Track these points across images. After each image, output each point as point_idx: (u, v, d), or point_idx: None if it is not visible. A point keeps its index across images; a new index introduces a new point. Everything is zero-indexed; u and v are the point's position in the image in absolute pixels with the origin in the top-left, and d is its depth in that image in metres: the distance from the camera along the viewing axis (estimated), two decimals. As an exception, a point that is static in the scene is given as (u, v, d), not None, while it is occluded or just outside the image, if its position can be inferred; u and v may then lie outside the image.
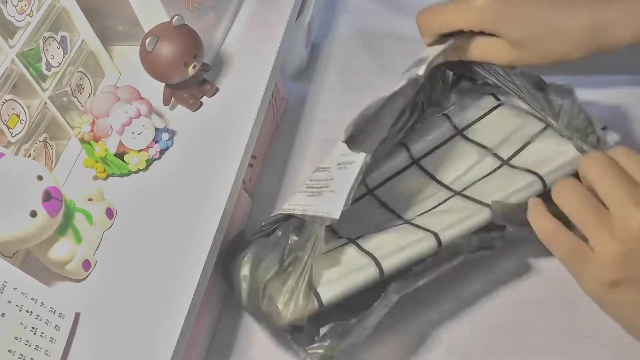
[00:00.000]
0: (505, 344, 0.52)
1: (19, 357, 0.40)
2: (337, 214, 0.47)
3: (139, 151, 0.53)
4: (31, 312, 0.42)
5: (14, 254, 0.50)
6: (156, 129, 0.53)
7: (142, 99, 0.54)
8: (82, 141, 0.53)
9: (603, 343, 0.50)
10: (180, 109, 0.59)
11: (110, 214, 0.51)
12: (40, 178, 0.44)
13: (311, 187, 0.52)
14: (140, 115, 0.52)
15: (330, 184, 0.50)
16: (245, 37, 0.64)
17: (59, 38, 0.55)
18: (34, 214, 0.43)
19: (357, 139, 0.52)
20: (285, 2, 0.65)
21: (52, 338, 0.43)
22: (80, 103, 0.58)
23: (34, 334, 0.41)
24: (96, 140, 0.53)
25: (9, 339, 0.40)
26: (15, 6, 0.50)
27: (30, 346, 0.41)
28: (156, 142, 0.54)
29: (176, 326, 0.44)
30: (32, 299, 0.42)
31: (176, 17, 0.53)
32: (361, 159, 0.50)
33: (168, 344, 0.43)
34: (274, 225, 0.52)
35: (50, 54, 0.54)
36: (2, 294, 0.40)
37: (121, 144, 0.52)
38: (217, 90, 0.59)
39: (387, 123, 0.53)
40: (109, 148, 0.52)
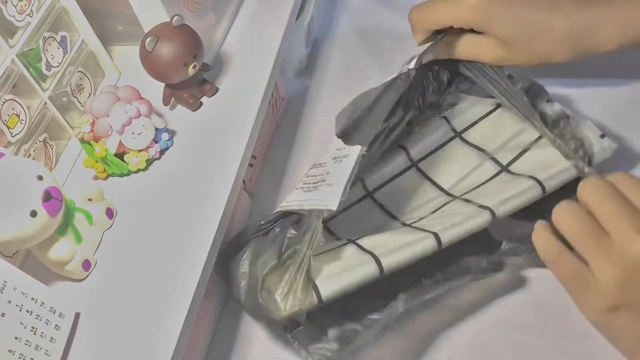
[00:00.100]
0: (505, 345, 0.52)
1: (19, 357, 0.40)
2: (334, 205, 0.47)
3: (139, 151, 0.53)
4: (31, 312, 0.42)
5: (14, 254, 0.50)
6: (156, 129, 0.53)
7: (142, 99, 0.54)
8: (82, 141, 0.53)
9: (603, 343, 0.50)
10: (180, 109, 0.59)
11: (110, 214, 0.51)
12: (40, 178, 0.44)
13: (307, 182, 0.52)
14: (140, 115, 0.52)
15: (326, 178, 0.50)
16: (245, 37, 0.64)
17: (59, 38, 0.55)
18: (34, 214, 0.43)
19: (352, 135, 0.52)
20: (285, 2, 0.65)
21: (52, 338, 0.43)
22: (80, 103, 0.58)
23: (34, 333, 0.41)
24: (96, 140, 0.53)
25: (9, 338, 0.40)
26: (15, 6, 0.50)
27: (30, 346, 0.41)
28: (156, 142, 0.54)
29: (176, 326, 0.44)
30: (32, 298, 0.42)
31: (176, 17, 0.53)
32: (357, 150, 0.50)
33: (168, 344, 0.43)
34: (272, 223, 0.52)
35: (50, 54, 0.54)
36: (2, 294, 0.40)
37: (121, 144, 0.52)
38: (217, 90, 0.59)
39: (381, 116, 0.53)
40: (109, 148, 0.52)
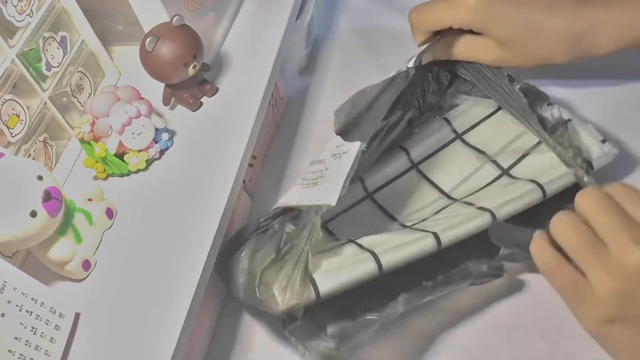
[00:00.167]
0: (505, 345, 0.52)
1: (19, 357, 0.40)
2: (333, 201, 0.47)
3: (139, 151, 0.53)
4: (31, 312, 0.42)
5: (14, 254, 0.50)
6: (156, 129, 0.53)
7: (142, 99, 0.54)
8: (82, 141, 0.53)
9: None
10: (180, 109, 0.59)
11: (110, 214, 0.51)
12: (40, 178, 0.44)
13: (306, 179, 0.53)
14: (140, 115, 0.52)
15: (325, 174, 0.51)
16: (245, 37, 0.64)
17: (59, 38, 0.55)
18: (34, 214, 0.43)
19: (351, 132, 0.52)
20: (285, 2, 0.65)
21: (52, 338, 0.43)
22: (80, 103, 0.58)
23: (34, 334, 0.41)
24: (96, 140, 0.53)
25: (9, 339, 0.40)
26: (15, 6, 0.50)
27: (30, 346, 0.41)
28: (156, 142, 0.54)
29: (176, 326, 0.44)
30: (32, 299, 0.42)
31: (176, 17, 0.53)
32: (356, 147, 0.50)
33: (168, 344, 0.43)
34: (271, 220, 0.52)
35: (50, 54, 0.54)
36: (2, 294, 0.40)
37: (121, 144, 0.52)
38: (217, 90, 0.59)
39: (380, 114, 0.53)
40: (109, 148, 0.52)
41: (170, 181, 0.53)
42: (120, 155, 0.53)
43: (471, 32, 0.59)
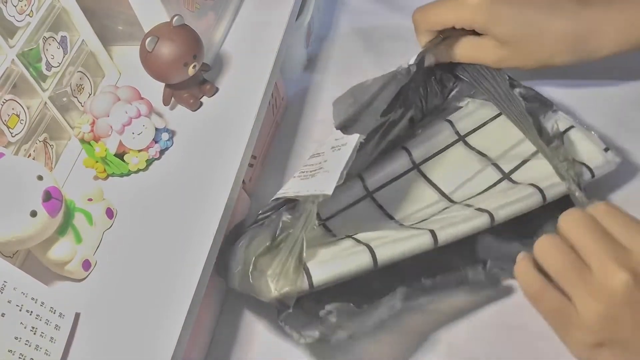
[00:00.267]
0: (505, 345, 0.52)
1: (19, 357, 0.40)
2: (329, 190, 0.47)
3: (139, 151, 0.53)
4: (31, 312, 0.42)
5: (14, 254, 0.50)
6: (156, 129, 0.53)
7: (142, 99, 0.54)
8: (82, 141, 0.53)
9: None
10: (180, 109, 0.59)
11: (110, 214, 0.51)
12: (40, 178, 0.44)
13: (305, 171, 0.53)
14: (140, 115, 0.52)
15: (324, 165, 0.51)
16: (245, 37, 0.64)
17: (59, 38, 0.55)
18: (34, 214, 0.43)
19: (351, 128, 0.52)
20: (285, 2, 0.65)
21: (52, 338, 0.43)
22: (80, 103, 0.58)
23: (34, 333, 0.41)
24: (96, 140, 0.53)
25: (9, 338, 0.40)
26: (15, 6, 0.50)
27: (30, 346, 0.41)
28: (156, 142, 0.54)
29: (176, 326, 0.44)
30: (32, 298, 0.42)
31: (176, 17, 0.53)
32: (355, 139, 0.50)
33: (168, 344, 0.43)
34: (270, 212, 0.52)
35: (50, 54, 0.54)
36: (2, 294, 0.40)
37: (121, 144, 0.52)
38: (217, 90, 0.59)
39: (379, 108, 0.53)
40: (109, 148, 0.52)
41: (170, 181, 0.53)
42: (120, 155, 0.53)
43: (474, 33, 0.59)
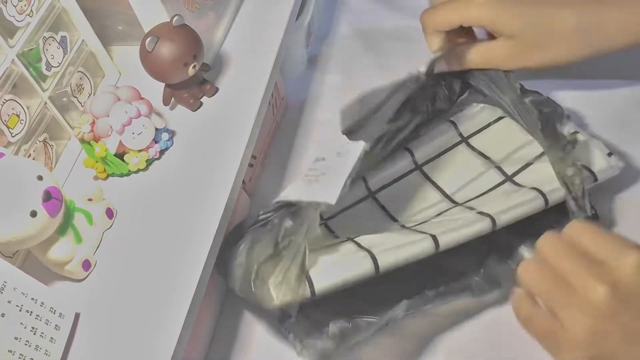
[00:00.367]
0: (505, 345, 0.52)
1: (19, 357, 0.40)
2: (332, 199, 0.47)
3: (139, 151, 0.53)
4: (31, 312, 0.42)
5: (14, 254, 0.50)
6: (156, 129, 0.53)
7: (142, 99, 0.54)
8: (82, 141, 0.53)
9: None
10: (180, 109, 0.59)
11: (110, 214, 0.51)
12: (40, 178, 0.44)
13: (309, 175, 0.53)
14: (140, 115, 0.52)
15: (327, 171, 0.51)
16: (245, 37, 0.64)
17: (59, 38, 0.55)
18: (34, 214, 0.43)
19: (357, 133, 0.52)
20: (285, 2, 0.65)
21: (52, 338, 0.43)
22: (80, 103, 0.58)
23: (34, 334, 0.41)
24: (96, 140, 0.53)
25: (9, 339, 0.40)
26: (15, 6, 0.50)
27: (30, 346, 0.41)
28: (156, 142, 0.54)
29: (176, 326, 0.44)
30: (32, 299, 0.42)
31: (176, 17, 0.53)
32: (360, 146, 0.50)
33: (168, 344, 0.43)
34: (271, 214, 0.52)
35: (50, 54, 0.54)
36: (2, 294, 0.40)
37: (121, 144, 0.52)
38: (217, 90, 0.59)
39: (387, 116, 0.53)
40: (109, 148, 0.52)
41: (170, 181, 0.53)
42: (120, 155, 0.53)
43: (476, 34, 0.59)
